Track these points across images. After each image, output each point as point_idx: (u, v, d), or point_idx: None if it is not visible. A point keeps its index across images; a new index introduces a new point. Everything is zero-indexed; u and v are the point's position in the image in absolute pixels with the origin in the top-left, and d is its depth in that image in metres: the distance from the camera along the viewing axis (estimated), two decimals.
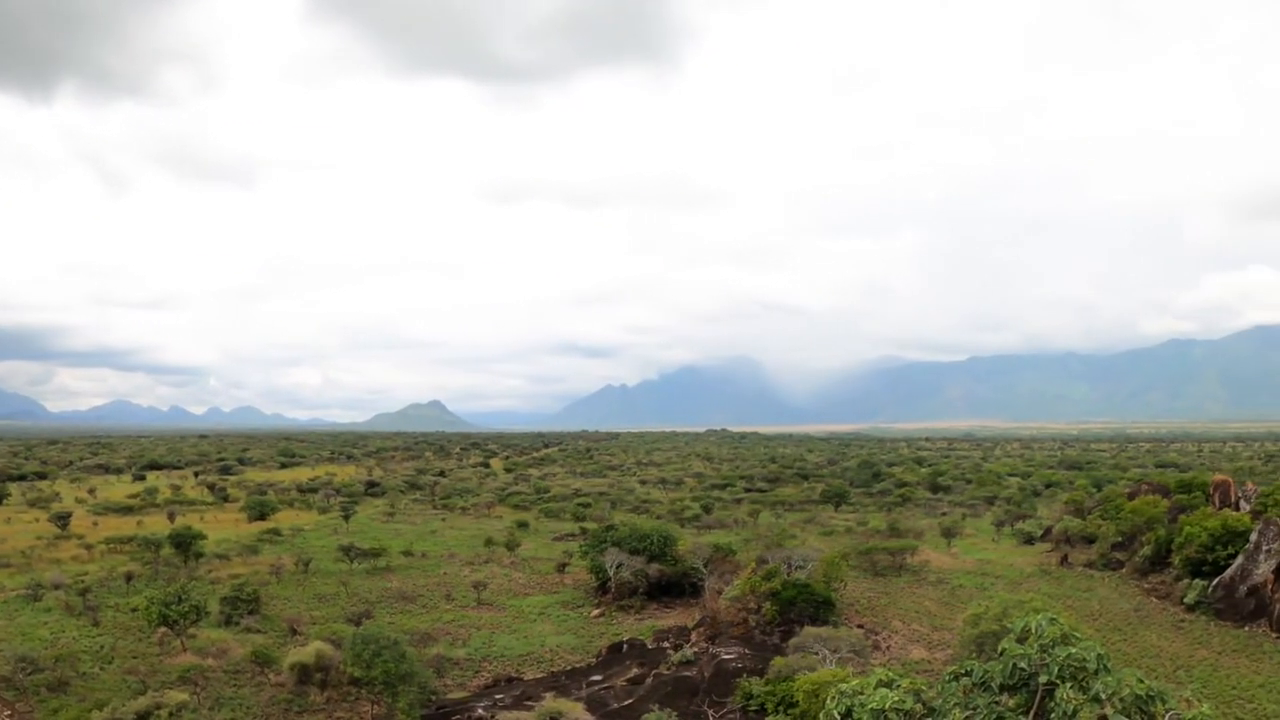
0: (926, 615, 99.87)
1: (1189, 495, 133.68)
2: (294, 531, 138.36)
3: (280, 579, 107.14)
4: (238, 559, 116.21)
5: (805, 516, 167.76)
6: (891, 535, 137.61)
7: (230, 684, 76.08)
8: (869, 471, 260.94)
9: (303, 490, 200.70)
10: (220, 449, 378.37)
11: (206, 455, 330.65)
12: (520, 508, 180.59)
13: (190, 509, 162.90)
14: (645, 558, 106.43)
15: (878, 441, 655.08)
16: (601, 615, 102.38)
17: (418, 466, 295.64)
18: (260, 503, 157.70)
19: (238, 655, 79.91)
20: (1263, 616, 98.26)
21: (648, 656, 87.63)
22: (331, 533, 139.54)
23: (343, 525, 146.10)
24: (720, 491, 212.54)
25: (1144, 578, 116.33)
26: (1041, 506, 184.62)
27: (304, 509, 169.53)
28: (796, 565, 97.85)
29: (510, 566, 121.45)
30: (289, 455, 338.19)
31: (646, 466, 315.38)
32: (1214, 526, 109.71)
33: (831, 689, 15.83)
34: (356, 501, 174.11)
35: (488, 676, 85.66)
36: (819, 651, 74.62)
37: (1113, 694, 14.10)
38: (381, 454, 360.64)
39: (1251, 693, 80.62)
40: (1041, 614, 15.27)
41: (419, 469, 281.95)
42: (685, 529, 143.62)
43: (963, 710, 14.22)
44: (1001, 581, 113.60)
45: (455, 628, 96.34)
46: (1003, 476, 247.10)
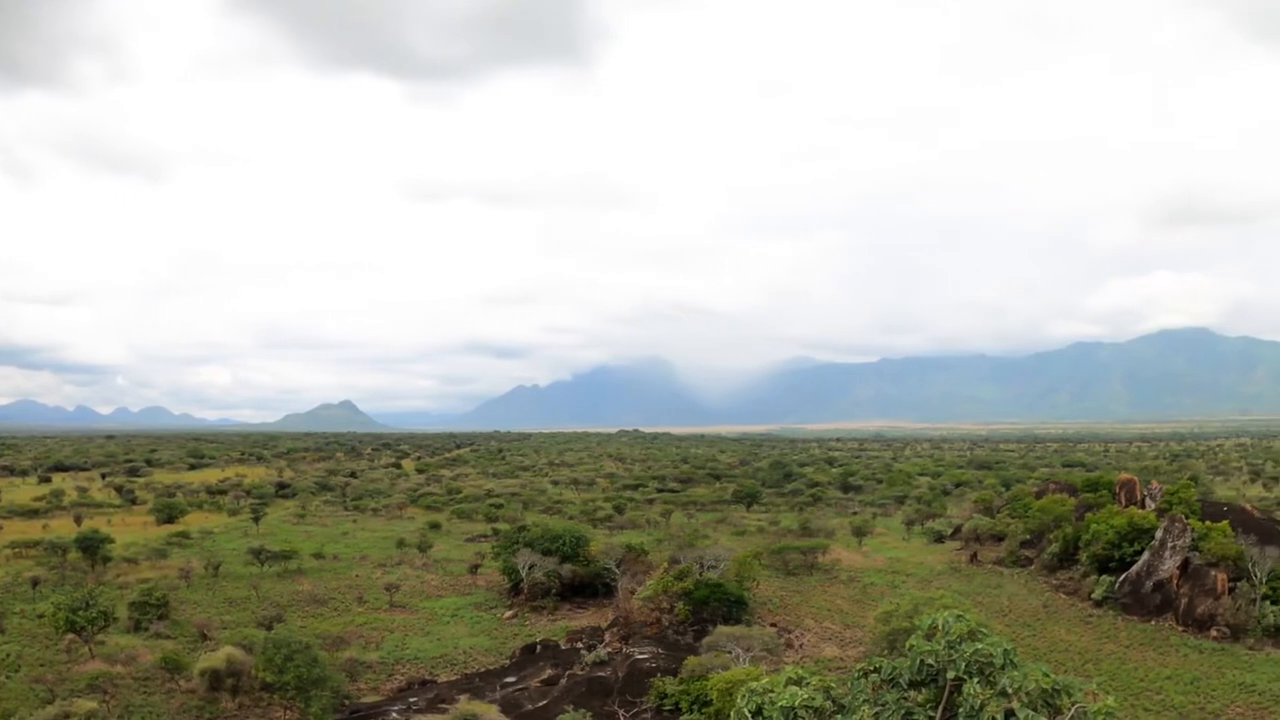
0: (838, 613, 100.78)
1: (1095, 494, 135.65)
2: (203, 534, 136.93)
3: (190, 583, 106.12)
4: (146, 563, 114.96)
5: (717, 516, 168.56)
6: (803, 535, 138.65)
7: (140, 691, 75.20)
8: (780, 472, 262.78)
9: (212, 492, 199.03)
10: (128, 450, 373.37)
11: (114, 456, 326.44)
12: (432, 509, 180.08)
13: (97, 512, 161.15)
14: (558, 558, 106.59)
15: (789, 442, 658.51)
16: (515, 616, 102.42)
17: (329, 467, 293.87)
18: (169, 505, 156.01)
19: (147, 662, 79.04)
20: (1169, 611, 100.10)
21: (561, 657, 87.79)
22: (242, 535, 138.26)
23: (253, 527, 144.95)
24: (632, 492, 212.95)
25: (1052, 574, 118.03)
26: (951, 505, 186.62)
27: (213, 511, 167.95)
28: (709, 565, 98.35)
29: (423, 568, 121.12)
30: (198, 456, 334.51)
31: (559, 467, 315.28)
32: (1120, 524, 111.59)
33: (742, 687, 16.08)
34: (267, 503, 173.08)
35: (401, 680, 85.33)
36: (732, 650, 75.07)
37: (1019, 688, 14.49)
38: (292, 455, 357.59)
39: (1159, 684, 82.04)
40: (948, 611, 15.62)
41: (330, 470, 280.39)
42: (598, 529, 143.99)
43: (871, 707, 14.55)
44: (912, 579, 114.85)
45: (368, 631, 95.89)
46: (913, 476, 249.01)
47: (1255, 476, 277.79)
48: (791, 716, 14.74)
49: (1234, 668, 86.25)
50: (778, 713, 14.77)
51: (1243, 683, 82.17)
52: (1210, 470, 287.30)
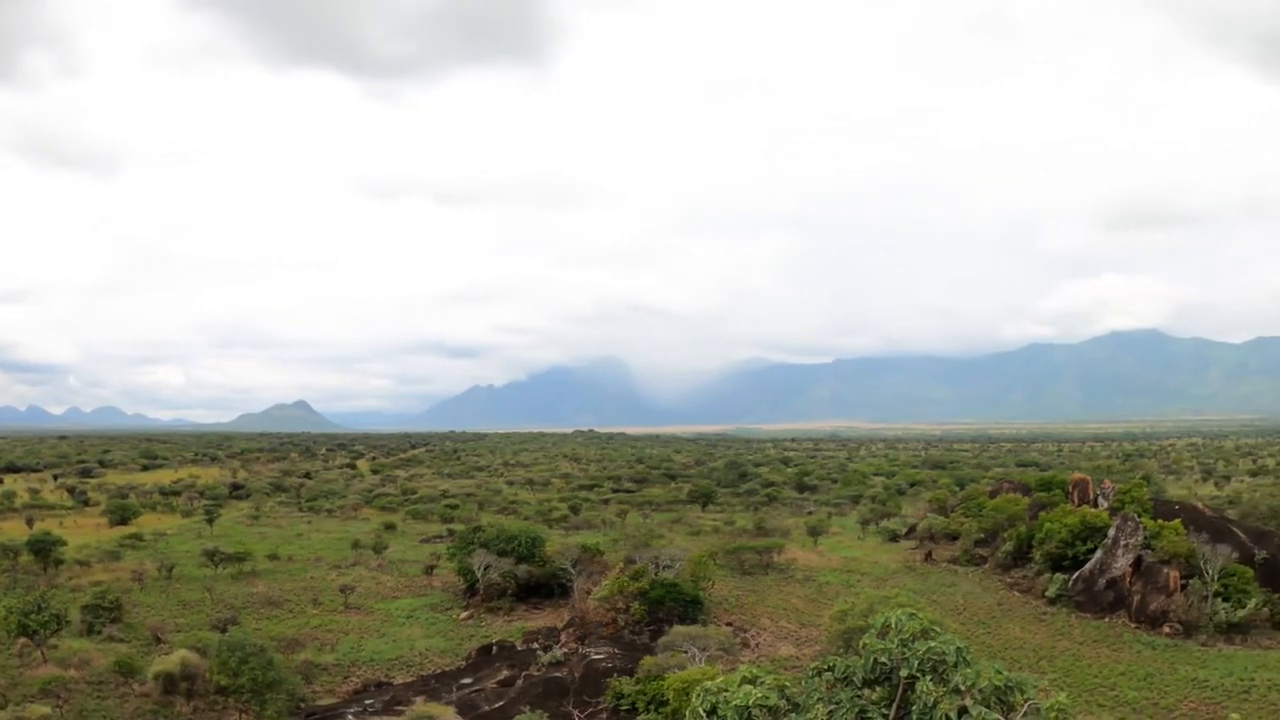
0: (794, 612, 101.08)
1: (1049, 493, 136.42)
2: (157, 536, 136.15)
3: (143, 586, 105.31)
4: (99, 565, 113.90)
5: (673, 516, 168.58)
6: (758, 534, 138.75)
7: (94, 696, 74.73)
8: (736, 471, 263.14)
9: (165, 493, 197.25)
10: (80, 450, 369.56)
11: (66, 457, 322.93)
12: (387, 509, 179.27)
13: (49, 514, 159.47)
14: (513, 559, 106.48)
15: (744, 442, 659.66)
16: (470, 617, 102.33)
17: (283, 468, 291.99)
18: (122, 506, 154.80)
19: (101, 666, 78.62)
20: (1121, 608, 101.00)
21: (518, 658, 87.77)
22: (195, 537, 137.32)
23: (207, 529, 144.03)
24: (588, 492, 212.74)
25: (1006, 573, 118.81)
26: (906, 505, 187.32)
27: (167, 512, 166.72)
28: (664, 565, 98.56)
29: (378, 569, 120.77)
30: (151, 457, 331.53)
31: (514, 467, 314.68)
32: (1073, 523, 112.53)
33: (697, 687, 16.14)
34: (221, 504, 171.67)
35: (357, 682, 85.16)
36: (688, 650, 75.25)
37: (972, 685, 14.61)
38: (246, 455, 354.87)
39: (1113, 680, 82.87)
40: (902, 609, 15.72)
41: (284, 470, 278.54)
42: (553, 530, 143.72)
43: (826, 705, 14.64)
44: (867, 578, 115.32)
45: (323, 633, 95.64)
46: (868, 476, 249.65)
47: (1207, 476, 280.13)
48: (746, 715, 14.81)
49: (1187, 664, 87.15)
50: (732, 712, 14.84)
51: (1195, 678, 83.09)
52: (1163, 470, 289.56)
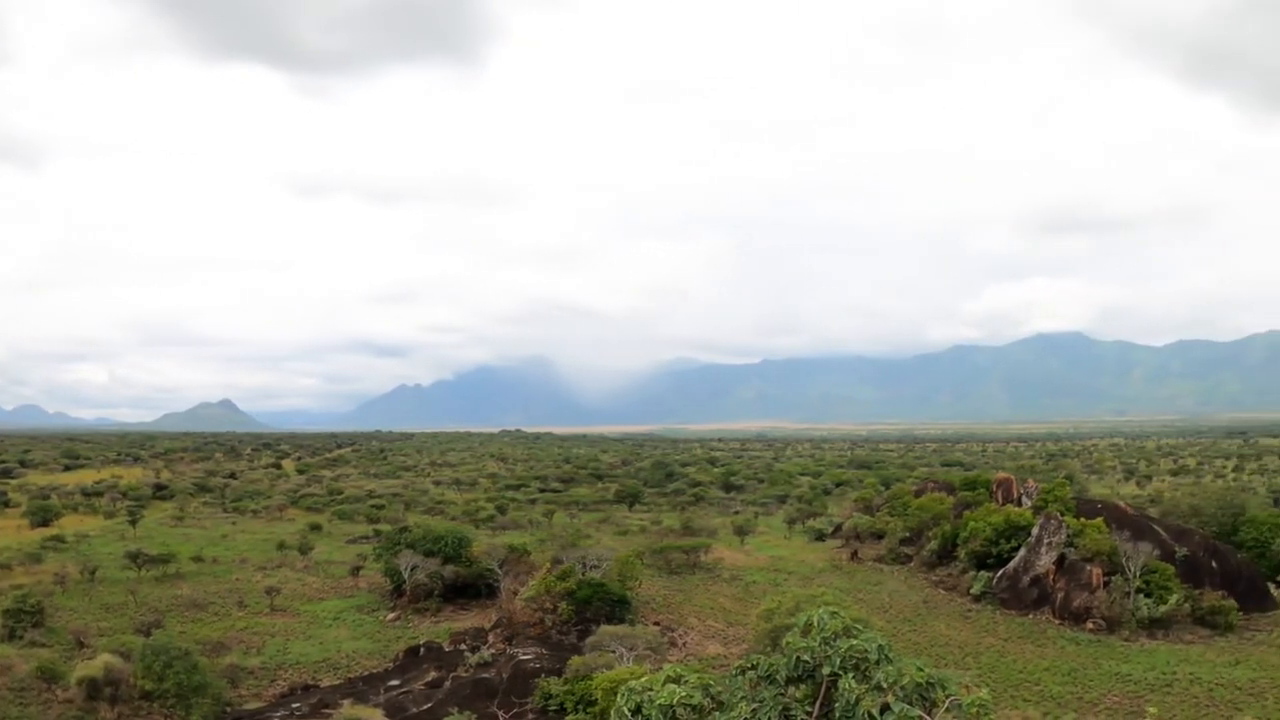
0: (721, 611, 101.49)
1: (973, 492, 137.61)
2: (79, 538, 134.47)
3: (65, 588, 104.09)
4: (19, 568, 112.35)
5: (600, 516, 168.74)
6: (685, 534, 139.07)
7: (15, 702, 73.64)
8: (663, 471, 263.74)
9: (88, 494, 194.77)
10: (0, 450, 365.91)
11: None
12: (313, 510, 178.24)
13: None
14: (440, 559, 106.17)
15: (671, 442, 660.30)
16: (397, 618, 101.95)
17: (207, 468, 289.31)
18: (43, 508, 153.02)
19: (22, 671, 77.39)
20: (1045, 605, 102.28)
21: (445, 659, 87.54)
22: (118, 538, 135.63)
23: (130, 530, 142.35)
24: (515, 492, 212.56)
25: (931, 571, 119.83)
26: (832, 504, 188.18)
27: (89, 513, 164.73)
28: (591, 565, 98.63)
29: (303, 570, 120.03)
30: (73, 457, 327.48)
31: (441, 467, 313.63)
32: (998, 521, 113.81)
33: (622, 686, 16.21)
34: (144, 505, 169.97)
35: (283, 685, 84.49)
36: (616, 650, 75.29)
37: (894, 683, 14.77)
38: (170, 455, 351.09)
39: (1037, 676, 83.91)
40: (824, 608, 15.87)
41: (209, 471, 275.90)
42: (480, 530, 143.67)
43: (749, 703, 14.75)
44: (794, 577, 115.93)
45: (249, 635, 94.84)
46: (794, 475, 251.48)
47: (1129, 475, 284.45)
48: (670, 714, 14.89)
49: (1110, 658, 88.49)
50: (656, 711, 14.92)
51: (1118, 672, 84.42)
52: (1085, 469, 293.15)
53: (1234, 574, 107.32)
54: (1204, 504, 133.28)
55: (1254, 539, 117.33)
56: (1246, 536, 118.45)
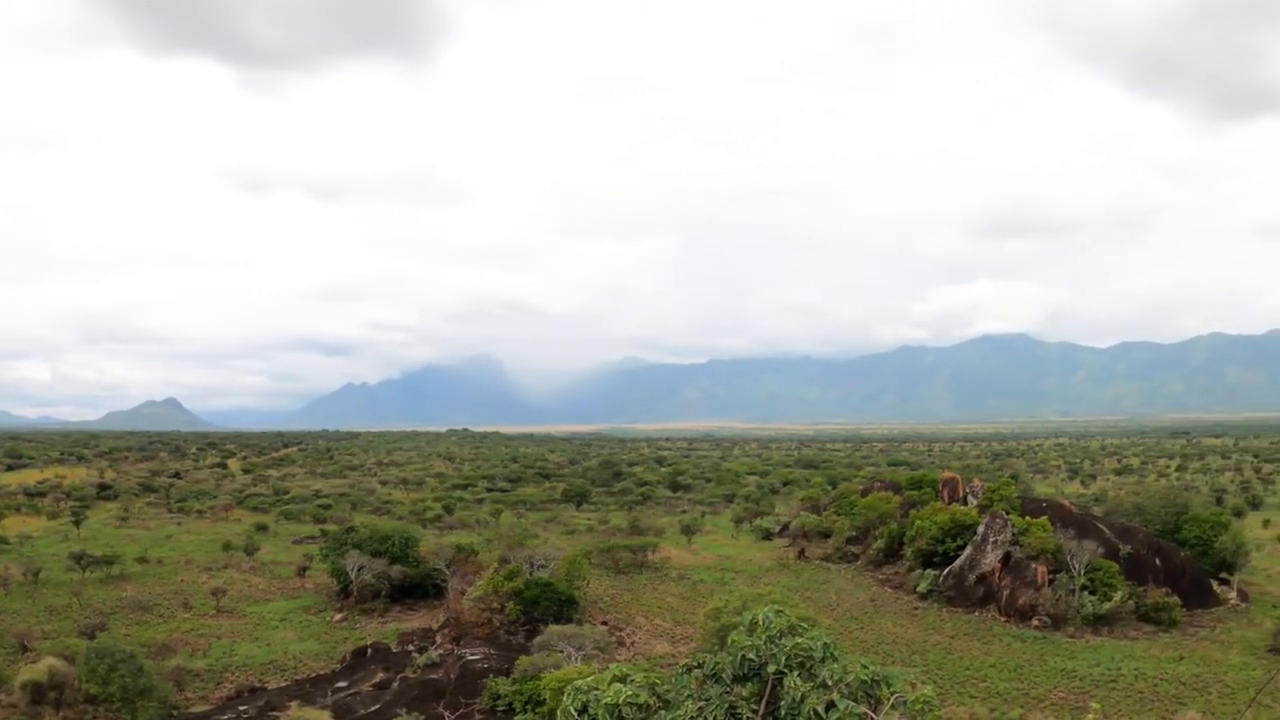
0: (669, 610, 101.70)
1: (919, 491, 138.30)
2: (21, 539, 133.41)
3: (8, 591, 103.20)
4: None
5: (547, 516, 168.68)
6: (633, 533, 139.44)
7: None
8: (610, 471, 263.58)
9: (30, 494, 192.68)
10: None
11: None
12: (259, 510, 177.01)
13: None
14: (387, 560, 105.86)
15: (619, 441, 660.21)
16: (344, 619, 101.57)
17: (152, 468, 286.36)
18: None
19: None
20: (991, 602, 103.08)
21: (393, 660, 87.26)
22: (62, 539, 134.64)
23: (74, 531, 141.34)
24: (462, 492, 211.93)
25: (878, 569, 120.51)
26: (779, 504, 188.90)
27: (32, 514, 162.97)
28: (539, 564, 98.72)
29: (249, 571, 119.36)
30: (15, 456, 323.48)
31: (387, 466, 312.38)
32: (943, 520, 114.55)
33: (568, 686, 16.24)
34: (88, 505, 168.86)
35: (230, 687, 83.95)
36: (564, 649, 75.32)
37: (839, 680, 14.87)
38: (114, 455, 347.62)
39: (984, 672, 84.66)
40: (768, 606, 15.95)
41: (154, 470, 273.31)
42: (427, 530, 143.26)
43: (695, 702, 14.83)
44: (741, 576, 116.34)
45: (194, 637, 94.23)
46: (741, 475, 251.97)
47: (1073, 474, 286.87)
48: (616, 714, 14.92)
49: (1055, 655, 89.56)
50: (603, 710, 14.95)
51: (1064, 669, 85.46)
52: (1030, 469, 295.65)
53: (1177, 571, 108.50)
54: (1147, 503, 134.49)
55: (1197, 537, 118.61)
56: (1189, 535, 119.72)
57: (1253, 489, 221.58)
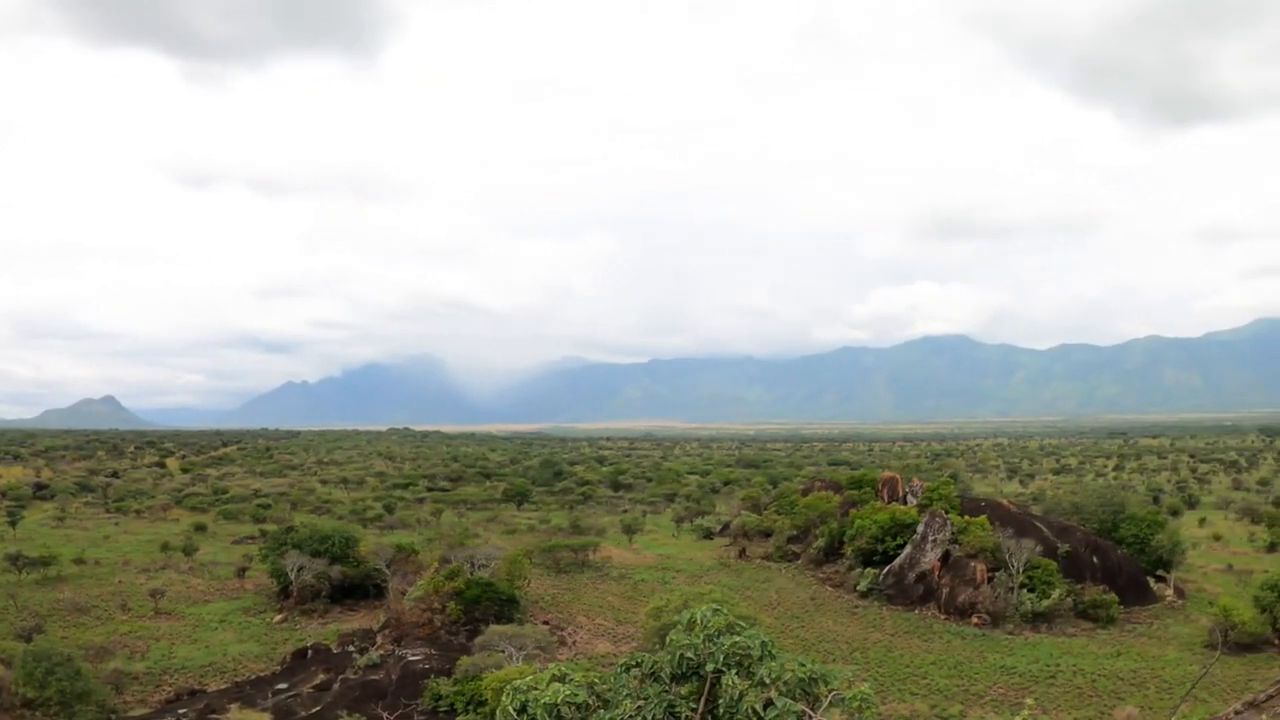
0: (611, 609, 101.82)
1: (860, 491, 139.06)
2: None
3: None
4: None
5: (488, 515, 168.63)
6: (574, 533, 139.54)
7: None
8: (551, 470, 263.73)
9: None
10: None
11: None
12: (198, 510, 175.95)
13: None
14: (327, 560, 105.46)
15: (560, 441, 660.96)
16: (284, 620, 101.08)
17: (89, 467, 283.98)
18: None
19: None
20: (931, 600, 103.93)
21: (333, 661, 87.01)
22: None
23: (9, 532, 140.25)
24: (403, 491, 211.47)
25: (819, 568, 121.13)
26: (720, 503, 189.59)
27: None
28: (480, 564, 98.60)
29: (188, 572, 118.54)
30: None
31: (328, 466, 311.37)
32: (883, 519, 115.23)
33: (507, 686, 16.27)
34: (24, 505, 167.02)
35: (169, 690, 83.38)
36: (505, 649, 75.34)
37: (777, 678, 14.97)
38: (51, 453, 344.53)
39: (924, 669, 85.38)
40: (707, 605, 16.05)
41: (91, 469, 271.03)
42: (367, 529, 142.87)
43: (634, 701, 14.90)
44: (683, 575, 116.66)
45: (133, 640, 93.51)
46: (682, 475, 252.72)
47: (1012, 474, 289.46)
48: (555, 713, 14.96)
49: (994, 651, 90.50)
50: (541, 710, 14.98)
51: (1003, 665, 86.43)
52: (970, 468, 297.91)
53: (1115, 569, 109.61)
54: (1085, 502, 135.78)
55: (1134, 535, 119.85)
56: (1126, 533, 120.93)
57: (1189, 488, 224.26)
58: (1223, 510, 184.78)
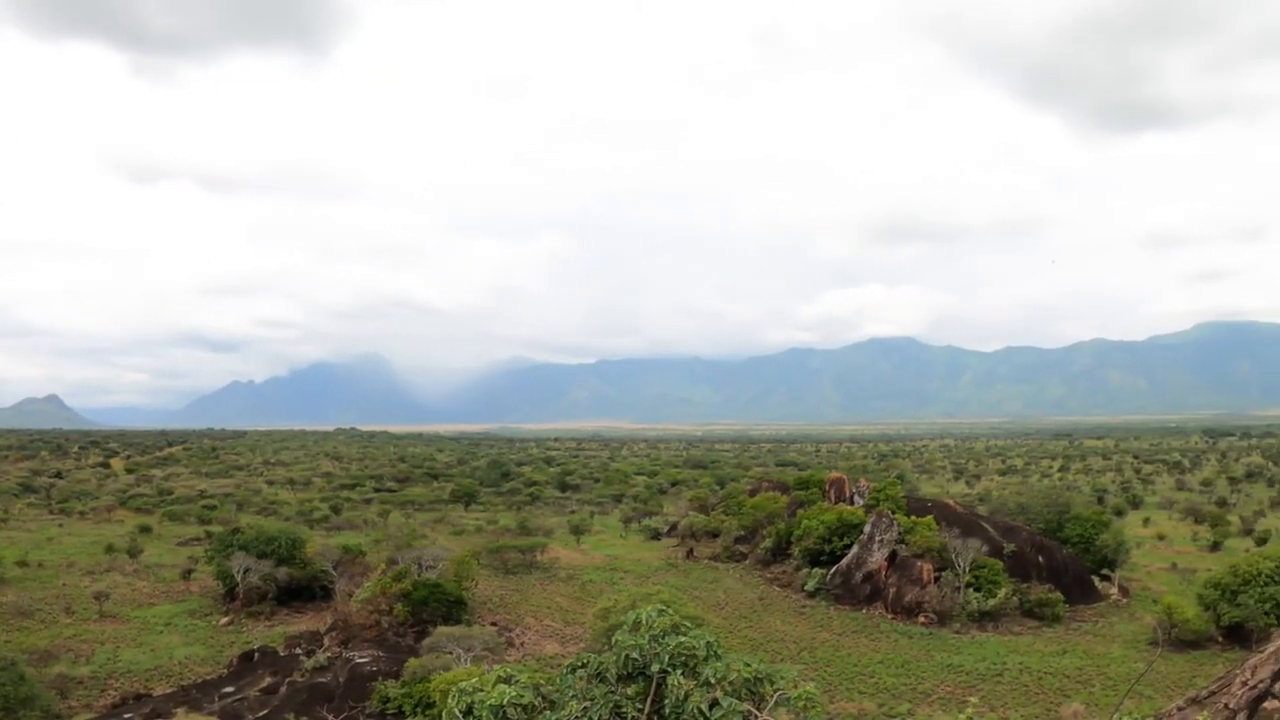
0: (559, 610, 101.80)
1: (807, 491, 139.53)
2: None
3: None
4: None
5: (435, 516, 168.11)
6: (521, 533, 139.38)
7: None
8: (499, 471, 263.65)
9: None
10: None
11: None
12: (143, 511, 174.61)
13: None
14: (274, 561, 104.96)
15: (507, 441, 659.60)
16: (231, 623, 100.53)
17: (32, 467, 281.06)
18: None
19: None
20: (878, 600, 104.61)
21: (280, 664, 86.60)
22: None
23: None
24: (349, 492, 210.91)
25: (766, 568, 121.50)
26: (667, 504, 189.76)
27: None
28: (427, 565, 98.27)
29: (133, 574, 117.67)
30: None
31: (274, 466, 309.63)
32: (830, 520, 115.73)
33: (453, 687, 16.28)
34: None
35: (115, 695, 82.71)
36: (453, 651, 75.19)
37: (722, 678, 15.06)
38: None
39: (872, 668, 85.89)
40: (652, 605, 16.14)
41: (34, 470, 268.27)
42: (314, 531, 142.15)
43: (580, 702, 14.96)
44: (630, 576, 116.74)
45: (77, 643, 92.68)
46: (630, 475, 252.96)
47: (958, 475, 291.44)
48: (501, 715, 15.01)
49: (941, 650, 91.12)
50: (487, 711, 15.00)
51: (950, 664, 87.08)
52: (916, 469, 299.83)
53: (1060, 568, 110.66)
54: (1031, 502, 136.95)
55: (1079, 535, 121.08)
56: (1072, 533, 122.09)
57: (1133, 489, 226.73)
58: (1166, 510, 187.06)
